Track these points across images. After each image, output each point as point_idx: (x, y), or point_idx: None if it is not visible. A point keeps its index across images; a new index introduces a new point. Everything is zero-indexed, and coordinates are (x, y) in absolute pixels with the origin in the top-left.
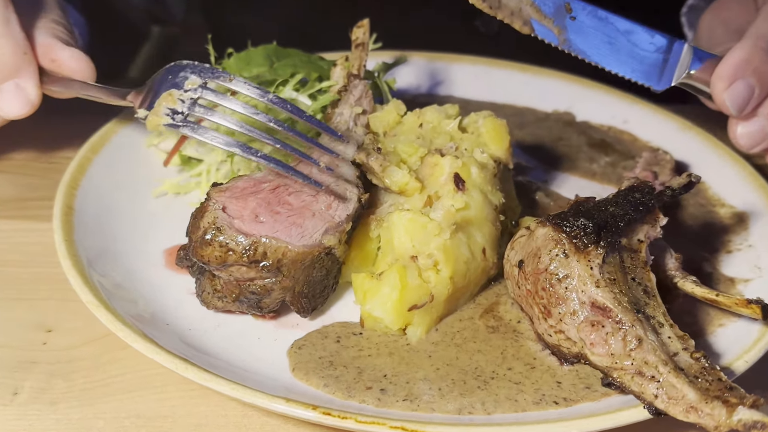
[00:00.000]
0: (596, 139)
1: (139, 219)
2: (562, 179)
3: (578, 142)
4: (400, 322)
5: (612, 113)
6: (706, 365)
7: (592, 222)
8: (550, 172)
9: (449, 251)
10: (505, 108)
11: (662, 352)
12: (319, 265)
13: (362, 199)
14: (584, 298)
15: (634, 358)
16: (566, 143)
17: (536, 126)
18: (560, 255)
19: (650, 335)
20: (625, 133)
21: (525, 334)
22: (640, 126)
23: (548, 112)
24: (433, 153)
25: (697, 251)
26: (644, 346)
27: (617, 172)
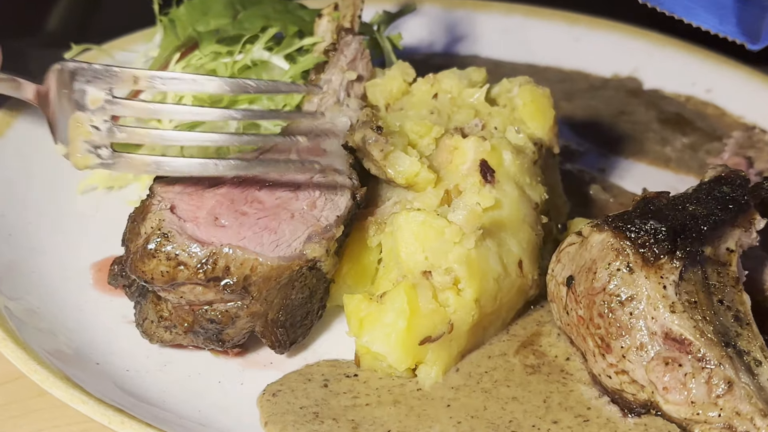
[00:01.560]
0: (670, 113)
1: (60, 223)
2: (625, 167)
3: (646, 118)
4: (408, 360)
5: (692, 79)
6: None
7: (665, 225)
8: (609, 158)
9: (474, 265)
10: (548, 72)
11: (760, 400)
12: (299, 284)
13: (357, 196)
14: (655, 327)
15: (722, 407)
16: (630, 119)
17: (590, 96)
18: (623, 270)
19: (744, 377)
20: (710, 105)
21: (576, 375)
22: (729, 96)
23: (606, 77)
24: (451, 133)
25: None
26: (736, 391)
27: (698, 157)
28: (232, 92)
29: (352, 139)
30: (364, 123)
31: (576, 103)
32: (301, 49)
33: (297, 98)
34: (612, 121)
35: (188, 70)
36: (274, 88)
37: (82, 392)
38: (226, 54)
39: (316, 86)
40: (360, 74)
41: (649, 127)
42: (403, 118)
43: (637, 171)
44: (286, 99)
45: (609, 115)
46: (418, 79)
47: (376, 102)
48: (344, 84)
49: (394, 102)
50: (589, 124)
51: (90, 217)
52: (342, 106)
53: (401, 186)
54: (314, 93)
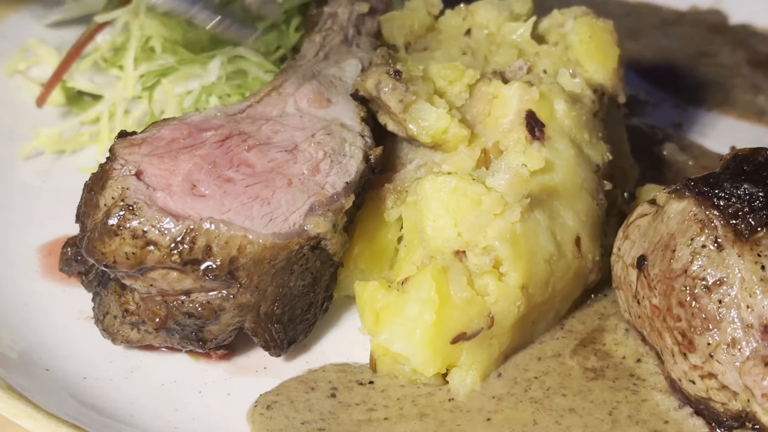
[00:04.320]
0: (763, 54)
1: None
2: (707, 122)
3: (734, 60)
4: (437, 363)
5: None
6: None
7: (762, 190)
8: (687, 110)
9: (520, 243)
10: (610, 5)
11: None
12: (300, 268)
13: (371, 157)
14: (751, 318)
15: None
16: (714, 61)
17: (662, 34)
18: (710, 246)
19: None
20: None
21: (649, 380)
22: None
23: (682, 10)
24: (489, 78)
25: None
26: None
27: None
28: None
29: (364, 86)
30: (378, 66)
31: (644, 43)
32: None
33: (294, 38)
34: (690, 64)
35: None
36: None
37: (29, 404)
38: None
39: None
40: (373, 6)
41: (737, 72)
42: (428, 60)
43: (723, 126)
44: (280, 39)
45: (686, 57)
46: (446, 12)
47: (394, 41)
48: (353, 18)
49: (416, 40)
50: (662, 69)
51: (36, 188)
52: (351, 45)
53: (426, 145)
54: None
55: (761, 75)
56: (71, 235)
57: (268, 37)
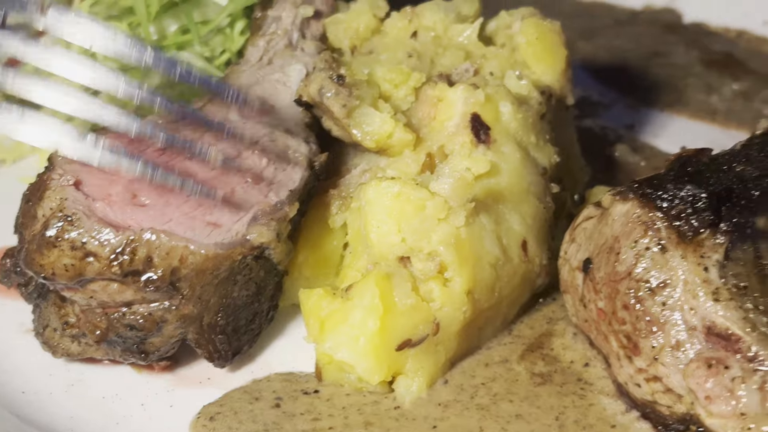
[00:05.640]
0: (717, 53)
1: None
2: (660, 123)
3: (687, 60)
4: (382, 371)
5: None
6: None
7: (705, 191)
8: (639, 111)
9: (464, 247)
10: (562, 4)
11: None
12: (243, 278)
13: (316, 164)
14: (695, 320)
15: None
16: (667, 61)
17: (615, 34)
18: (653, 248)
19: None
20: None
21: (597, 385)
22: None
23: (636, 9)
24: (435, 81)
25: None
26: None
27: (753, 107)
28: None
29: (307, 92)
30: (322, 71)
31: (598, 43)
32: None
33: (239, 42)
34: (643, 64)
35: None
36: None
37: None
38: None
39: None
40: (318, 9)
41: (690, 72)
42: (374, 63)
43: (675, 126)
44: (224, 44)
45: (639, 57)
46: (392, 14)
47: (339, 44)
48: (298, 22)
49: (361, 43)
50: (614, 69)
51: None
52: (295, 50)
53: (371, 150)
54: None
55: (714, 74)
56: (9, 246)
57: (212, 42)
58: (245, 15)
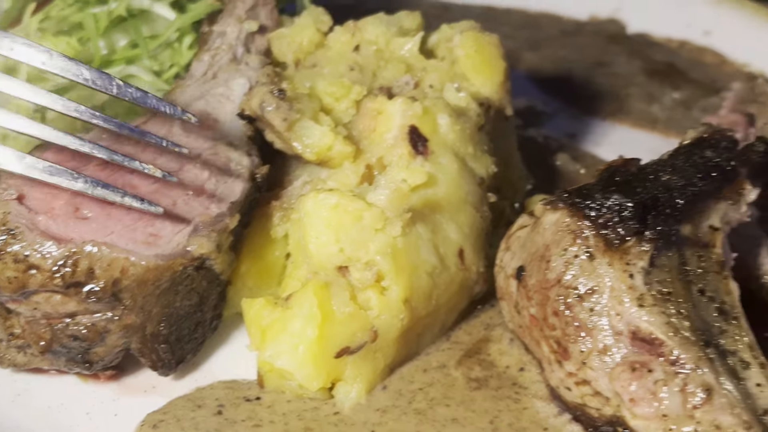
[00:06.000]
0: (659, 63)
1: None
2: (602, 131)
3: (629, 70)
4: (321, 378)
5: (686, 20)
6: None
7: (632, 200)
8: (582, 120)
9: (401, 257)
10: (510, 15)
11: (745, 410)
12: (185, 288)
13: (258, 176)
14: (620, 325)
15: (699, 420)
16: (609, 71)
17: (561, 44)
18: (582, 256)
19: (726, 382)
20: (707, 51)
21: (531, 389)
22: (731, 40)
23: (581, 20)
24: (375, 94)
25: None
26: (715, 400)
27: (692, 116)
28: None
29: (249, 106)
30: (263, 85)
31: (543, 54)
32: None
33: (187, 56)
34: (587, 74)
35: (48, 24)
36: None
37: None
38: (97, 2)
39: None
40: (263, 24)
41: (632, 81)
42: (316, 77)
43: (617, 135)
44: (173, 58)
45: (583, 67)
46: (335, 28)
47: (284, 58)
48: (242, 37)
49: (305, 57)
50: (559, 79)
51: None
52: (239, 64)
53: (312, 162)
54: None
55: (656, 84)
56: None
57: (161, 56)
58: (194, 29)
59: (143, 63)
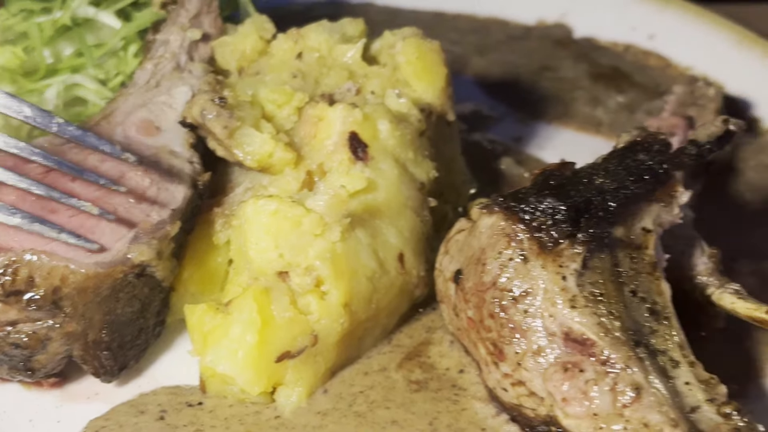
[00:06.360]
0: (604, 66)
1: None
2: (546, 135)
3: (575, 74)
4: (262, 382)
5: (631, 23)
6: (741, 425)
7: (565, 203)
8: (527, 124)
9: (341, 261)
10: (459, 21)
11: (672, 407)
12: (126, 296)
13: (199, 183)
14: (554, 326)
15: (628, 418)
16: (555, 75)
17: (508, 49)
18: (516, 259)
19: (656, 381)
20: (652, 54)
21: (470, 390)
22: (675, 43)
23: (529, 25)
24: (317, 101)
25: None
26: (644, 398)
27: (636, 119)
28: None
29: (191, 113)
30: (204, 93)
31: (491, 58)
32: (137, 3)
33: (133, 64)
34: (533, 79)
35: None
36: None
37: None
38: (41, 12)
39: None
40: (206, 32)
41: (577, 85)
42: (258, 84)
43: (562, 139)
44: (118, 66)
45: (530, 71)
46: (278, 36)
47: (227, 66)
48: (185, 45)
49: (249, 65)
50: (506, 84)
51: None
52: (183, 72)
53: (253, 169)
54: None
55: (601, 87)
56: None
57: (107, 64)
58: (139, 38)
59: (88, 72)
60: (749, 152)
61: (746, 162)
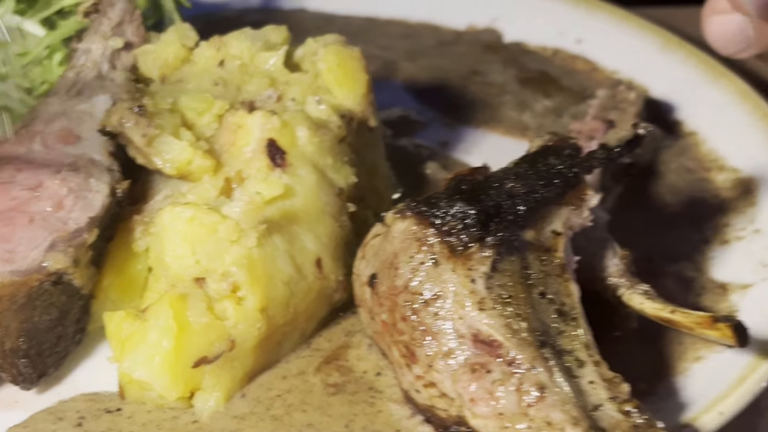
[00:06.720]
0: (532, 71)
1: None
2: (473, 140)
3: (504, 78)
4: (179, 388)
5: (560, 28)
6: (640, 422)
7: (475, 208)
8: (454, 128)
9: (257, 267)
10: (391, 26)
11: (575, 406)
12: (43, 303)
13: (118, 191)
14: (463, 328)
15: (532, 417)
16: (483, 80)
17: (439, 54)
18: (427, 263)
19: (560, 380)
20: (579, 59)
21: (386, 392)
22: (602, 47)
23: (460, 30)
24: (237, 108)
25: (674, 244)
26: (548, 397)
27: (562, 123)
28: None
29: (110, 122)
30: (123, 101)
31: (421, 63)
32: (62, 11)
33: (58, 73)
34: (462, 83)
35: None
36: None
37: None
38: None
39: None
40: (129, 41)
41: (505, 90)
42: (179, 92)
43: (488, 143)
44: (43, 75)
45: (459, 76)
46: (201, 44)
47: (150, 74)
48: (107, 53)
49: (171, 73)
50: (435, 89)
51: None
52: (104, 80)
53: (172, 176)
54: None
55: (529, 92)
56: None
57: (32, 73)
58: (64, 46)
59: (13, 80)
60: (670, 155)
61: (667, 165)
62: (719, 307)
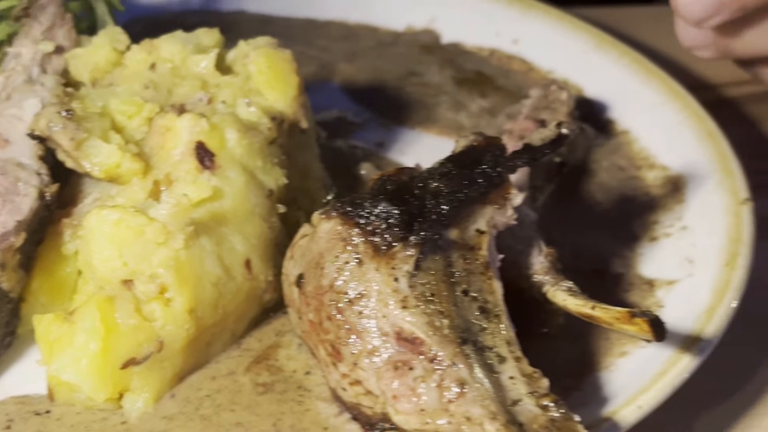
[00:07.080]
0: (468, 71)
1: None
2: (408, 140)
3: (441, 79)
4: (108, 389)
5: (496, 29)
6: (557, 415)
7: (399, 207)
8: (390, 129)
9: (184, 269)
10: (330, 28)
11: (494, 401)
12: None
13: (47, 195)
14: (387, 327)
15: (452, 413)
16: (420, 81)
17: (377, 55)
18: (352, 262)
19: (480, 376)
20: (515, 59)
21: (315, 391)
22: (538, 47)
23: (398, 31)
24: (166, 111)
25: (604, 241)
26: (468, 393)
27: (497, 123)
28: None
29: (38, 126)
30: (51, 105)
31: (359, 65)
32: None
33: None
34: (399, 84)
35: None
36: None
37: None
38: None
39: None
40: (59, 44)
41: (442, 90)
42: (110, 95)
43: (423, 143)
44: None
45: (396, 77)
46: (132, 47)
47: (81, 78)
48: (38, 58)
49: (102, 76)
50: (371, 90)
51: None
52: (34, 85)
53: (101, 179)
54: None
55: (465, 92)
56: None
57: None
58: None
59: None
60: (602, 153)
61: (599, 163)
62: (646, 303)
